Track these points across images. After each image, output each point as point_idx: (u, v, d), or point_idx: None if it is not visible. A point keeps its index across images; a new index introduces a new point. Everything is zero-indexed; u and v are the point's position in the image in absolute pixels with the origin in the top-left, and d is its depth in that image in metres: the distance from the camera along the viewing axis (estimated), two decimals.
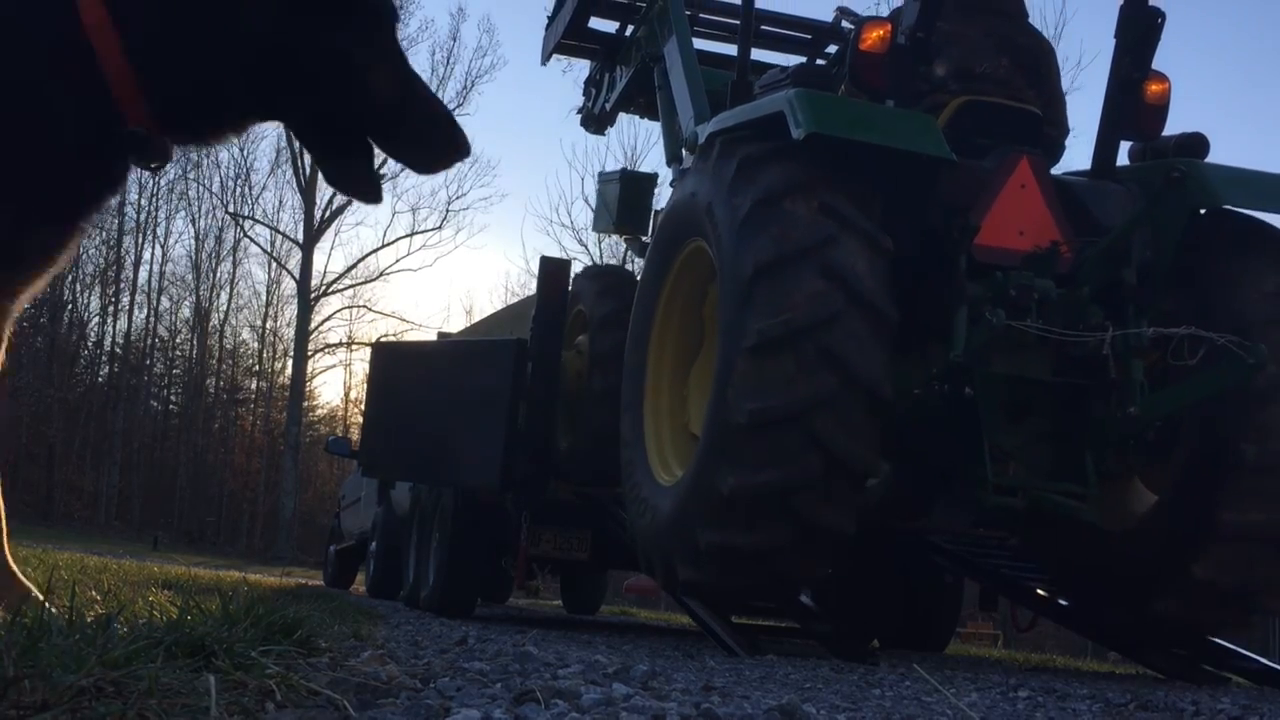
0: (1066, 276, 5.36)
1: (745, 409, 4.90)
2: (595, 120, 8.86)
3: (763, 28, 8.21)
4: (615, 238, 12.36)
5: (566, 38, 8.39)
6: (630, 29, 8.08)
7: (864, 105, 5.63)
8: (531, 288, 7.75)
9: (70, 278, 49.31)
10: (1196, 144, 5.78)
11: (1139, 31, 5.89)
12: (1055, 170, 5.97)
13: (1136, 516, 5.58)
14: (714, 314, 5.54)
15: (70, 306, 50.00)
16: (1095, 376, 5.27)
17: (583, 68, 9.07)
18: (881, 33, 5.70)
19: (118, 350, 50.44)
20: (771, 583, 5.42)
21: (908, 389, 5.29)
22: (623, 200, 7.97)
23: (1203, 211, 5.55)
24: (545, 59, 8.80)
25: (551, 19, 8.59)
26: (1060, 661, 9.37)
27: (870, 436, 5.02)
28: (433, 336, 15.68)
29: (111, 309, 50.34)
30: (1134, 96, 5.93)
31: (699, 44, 7.54)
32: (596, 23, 8.42)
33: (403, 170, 46.02)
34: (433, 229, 43.83)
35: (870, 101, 5.71)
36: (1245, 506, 5.14)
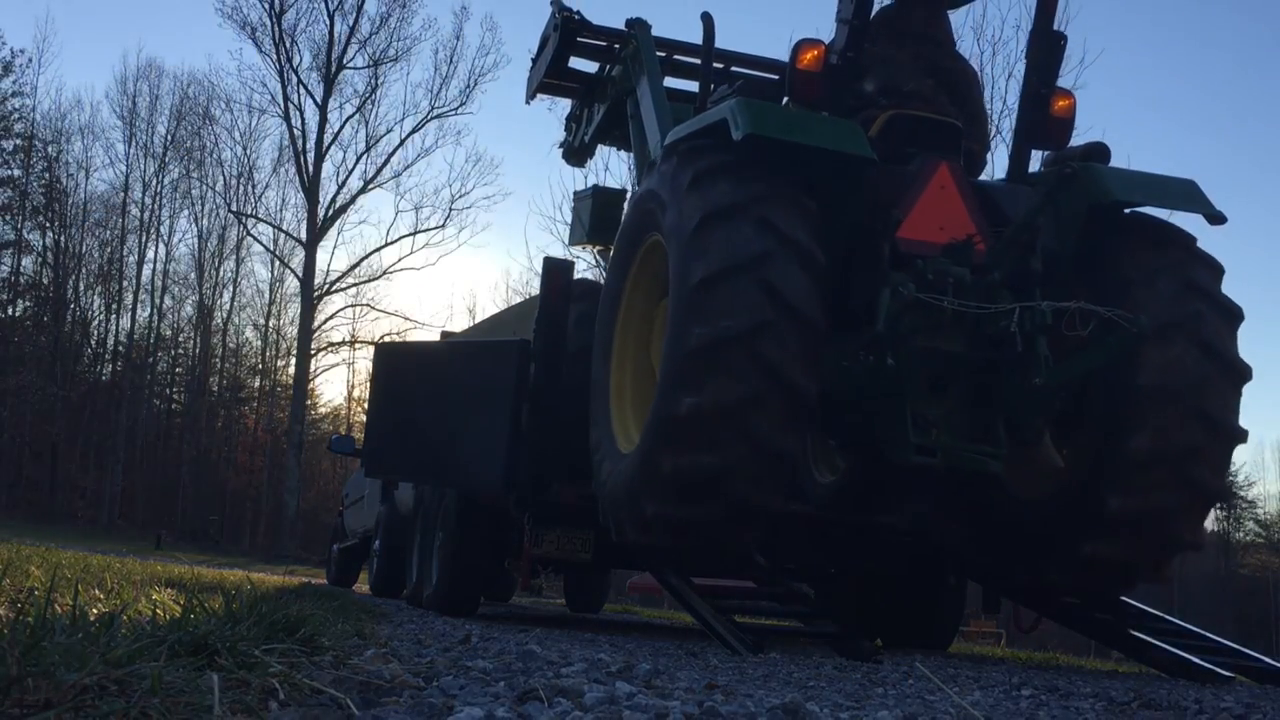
0: (981, 266, 5.95)
1: (684, 401, 5.47)
2: (575, 153, 9.44)
3: (732, 69, 8.61)
4: None
5: (549, 77, 8.98)
6: (606, 68, 8.69)
7: (796, 112, 6.25)
8: (534, 286, 7.78)
9: (73, 276, 49.44)
10: (1099, 152, 6.46)
11: (1045, 52, 6.77)
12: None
13: (1046, 488, 6.22)
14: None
15: (73, 305, 50.06)
16: (1005, 351, 5.82)
17: (565, 105, 9.62)
18: (816, 53, 6.38)
19: (121, 349, 50.49)
20: (707, 547, 6.02)
21: (839, 362, 5.88)
22: (594, 214, 8.38)
23: (1127, 212, 6.24)
24: (530, 97, 9.41)
25: (535, 60, 9.20)
26: (1063, 660, 9.36)
27: (795, 427, 5.64)
28: (436, 335, 15.67)
29: (115, 307, 50.43)
30: (1043, 110, 6.72)
31: (672, 83, 8.18)
32: (576, 63, 8.97)
33: (407, 169, 46.21)
34: (436, 227, 43.85)
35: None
36: (1130, 493, 5.81)
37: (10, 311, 47.72)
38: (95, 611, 2.93)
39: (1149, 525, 5.86)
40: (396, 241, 44.15)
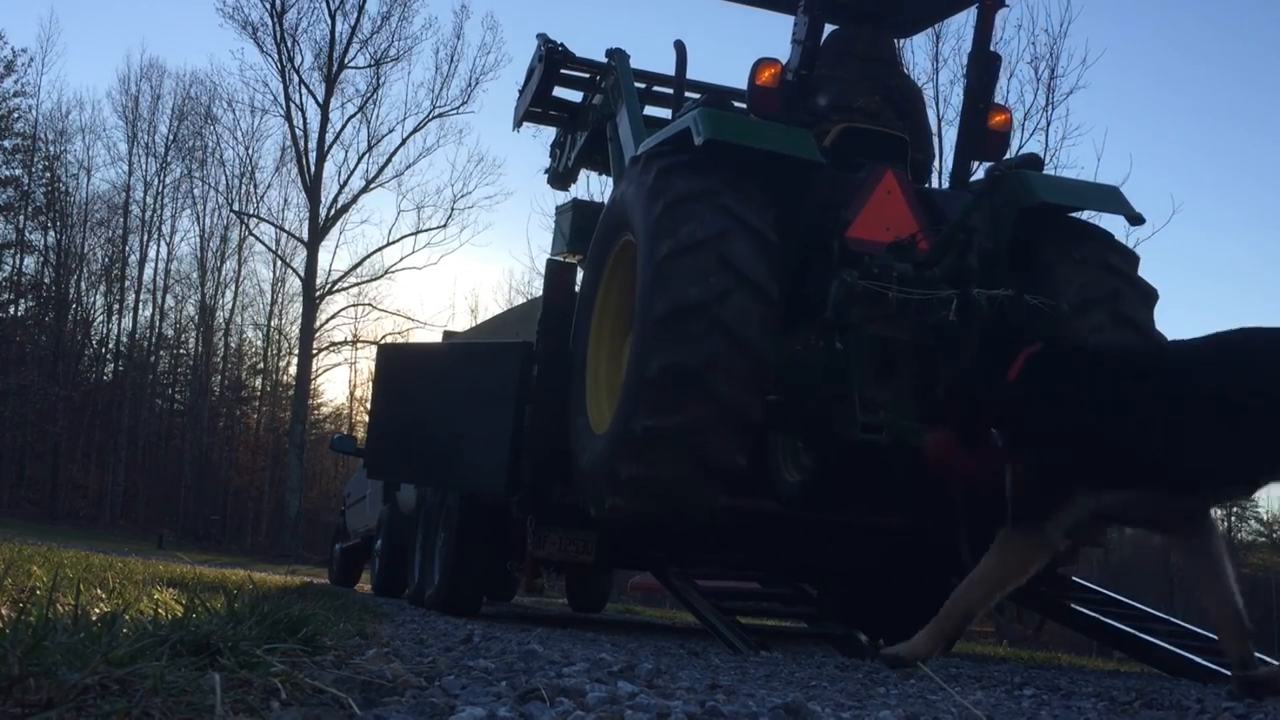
0: (923, 262, 6.47)
1: (652, 365, 5.92)
2: (560, 177, 10.02)
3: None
4: None
5: (534, 106, 9.59)
6: (588, 97, 9.29)
7: (752, 120, 6.85)
8: (537, 286, 7.85)
9: (75, 275, 49.44)
10: (1033, 161, 7.46)
11: (982, 72, 7.44)
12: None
13: (987, 472, 6.51)
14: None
15: (75, 305, 50.07)
16: (944, 338, 6.25)
17: (550, 133, 10.28)
18: (773, 70, 7.02)
19: (122, 349, 50.50)
20: (676, 507, 6.26)
21: (793, 348, 6.36)
22: (574, 226, 8.71)
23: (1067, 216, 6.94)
24: (516, 125, 10.07)
25: (521, 90, 9.78)
26: (1065, 659, 9.37)
27: (756, 387, 6.03)
28: (438, 335, 15.71)
29: (116, 307, 50.43)
30: (981, 124, 7.39)
31: (650, 112, 8.75)
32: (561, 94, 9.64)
33: (409, 168, 46.20)
34: (438, 227, 43.85)
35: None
36: None
37: (12, 311, 47.74)
38: (97, 611, 2.94)
39: None
40: (398, 241, 44.15)
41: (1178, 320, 71.95)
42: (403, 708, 2.26)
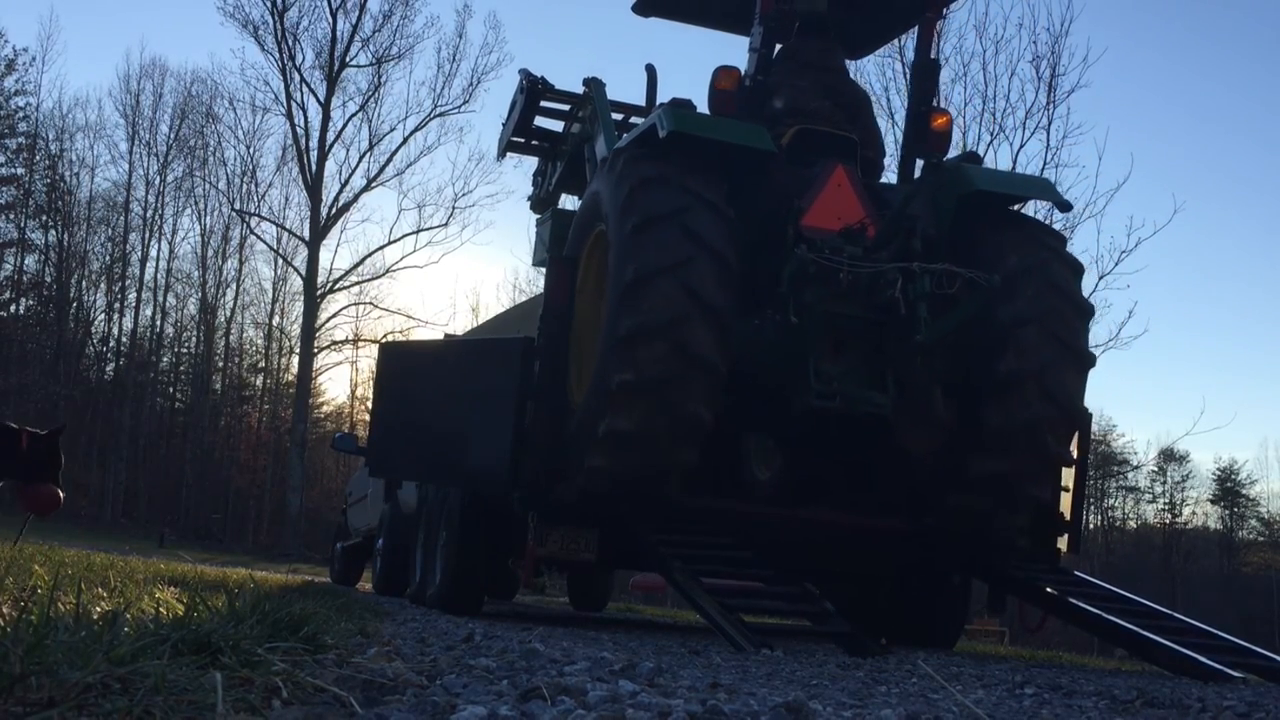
0: (870, 247, 7.04)
1: (615, 379, 6.51)
2: (541, 203, 10.46)
3: None
4: None
5: (516, 136, 10.18)
6: (567, 127, 9.85)
7: (712, 117, 7.47)
8: (538, 284, 7.90)
9: (76, 274, 49.45)
10: (971, 157, 8.29)
11: (923, 79, 8.38)
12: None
13: (934, 443, 7.24)
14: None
15: (76, 303, 50.10)
16: (892, 315, 6.85)
17: (531, 163, 10.80)
18: (732, 76, 7.71)
19: (123, 347, 50.52)
20: (636, 497, 6.85)
21: (751, 322, 6.92)
22: (553, 234, 8.83)
23: (1012, 209, 7.72)
24: (500, 155, 10.86)
25: (505, 122, 10.32)
26: (1067, 658, 9.36)
27: (709, 399, 6.61)
28: (439, 335, 15.73)
29: (117, 306, 50.46)
30: (924, 125, 8.17)
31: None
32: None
33: (410, 166, 46.20)
34: (439, 226, 43.86)
35: None
36: (987, 457, 7.01)
37: (13, 310, 47.76)
38: (98, 610, 2.94)
39: (1002, 483, 7.04)
40: (400, 240, 44.20)
41: (1178, 318, 71.96)
42: (404, 706, 2.26)
